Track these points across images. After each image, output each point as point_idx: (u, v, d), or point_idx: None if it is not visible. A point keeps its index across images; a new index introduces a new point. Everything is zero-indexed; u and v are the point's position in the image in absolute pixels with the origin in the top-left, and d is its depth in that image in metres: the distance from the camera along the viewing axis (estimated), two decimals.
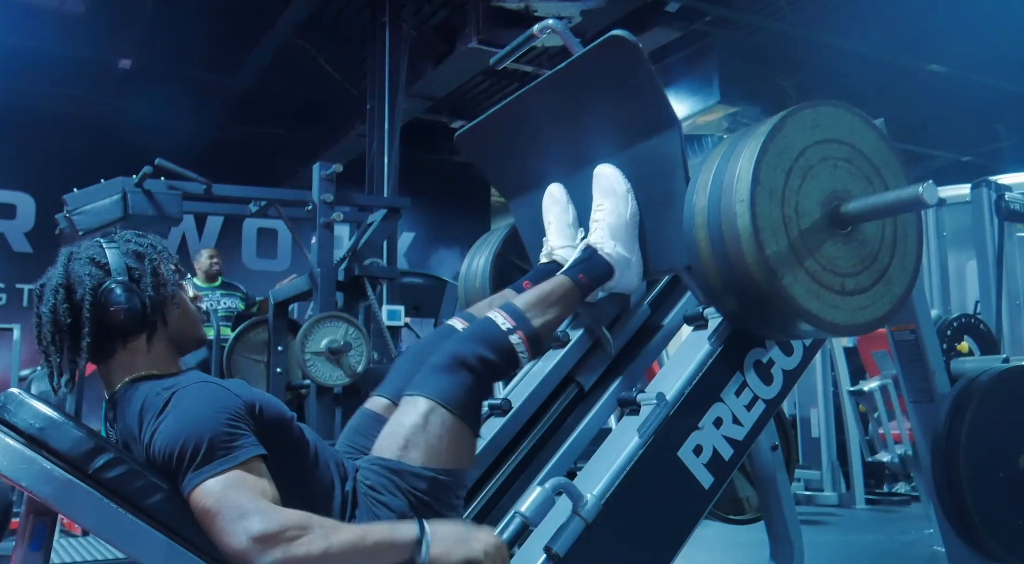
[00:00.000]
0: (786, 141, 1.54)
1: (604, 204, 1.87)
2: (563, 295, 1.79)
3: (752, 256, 1.49)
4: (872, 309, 1.61)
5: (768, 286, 1.49)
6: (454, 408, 1.52)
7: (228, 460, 1.29)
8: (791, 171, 1.53)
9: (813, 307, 1.53)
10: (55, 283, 1.45)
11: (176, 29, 7.70)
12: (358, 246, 4.51)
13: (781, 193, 1.52)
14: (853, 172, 1.61)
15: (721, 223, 1.53)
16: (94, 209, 3.93)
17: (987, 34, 7.50)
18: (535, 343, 1.68)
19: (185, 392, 1.37)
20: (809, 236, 1.54)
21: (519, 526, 1.43)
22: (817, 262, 1.54)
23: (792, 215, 1.53)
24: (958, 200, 5.01)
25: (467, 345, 1.61)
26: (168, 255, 1.55)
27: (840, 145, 1.60)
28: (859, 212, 1.56)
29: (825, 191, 1.57)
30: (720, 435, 1.63)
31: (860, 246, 1.60)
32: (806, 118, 1.57)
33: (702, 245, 1.57)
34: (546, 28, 2.18)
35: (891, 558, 4.12)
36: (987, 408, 2.12)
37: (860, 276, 1.60)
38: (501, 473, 1.91)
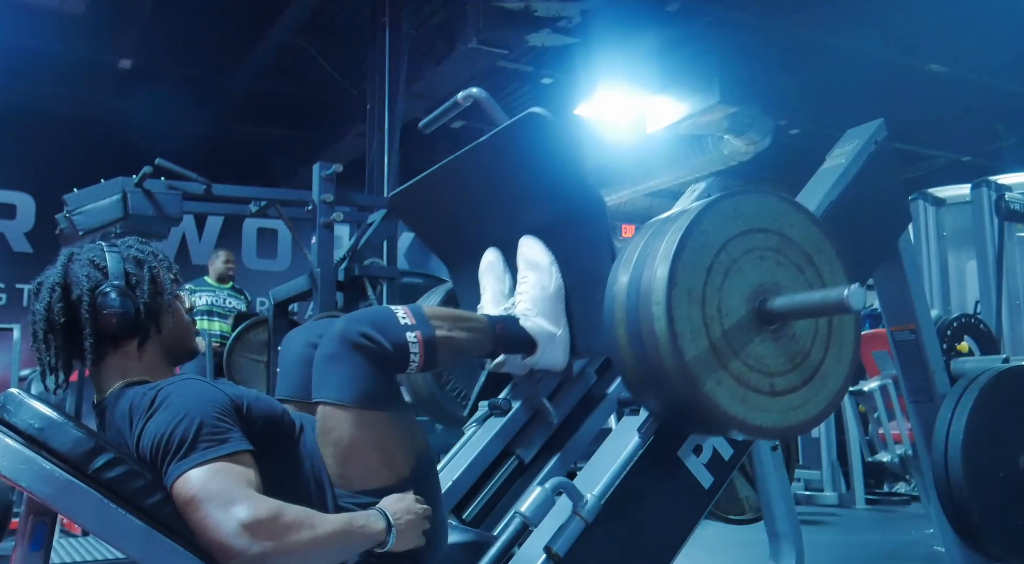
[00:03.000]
0: (705, 236, 1.43)
1: (528, 276, 1.82)
2: (475, 328, 1.70)
3: (671, 361, 1.38)
4: (805, 408, 1.49)
5: (689, 393, 1.39)
6: (363, 402, 1.45)
7: (214, 450, 1.29)
8: (712, 268, 1.43)
9: (739, 412, 1.41)
10: (52, 282, 1.45)
11: (176, 29, 7.70)
12: (358, 246, 4.51)
13: (701, 292, 1.41)
14: (782, 262, 1.50)
15: (639, 324, 1.42)
16: (94, 209, 3.93)
17: (987, 34, 7.50)
18: (430, 351, 1.56)
19: (172, 388, 1.37)
20: (733, 335, 1.43)
21: (519, 526, 1.43)
22: (743, 362, 1.43)
23: (714, 314, 1.42)
24: (958, 200, 5.01)
25: (354, 325, 1.50)
26: (168, 264, 1.55)
27: (766, 234, 1.49)
28: (784, 311, 1.45)
29: (751, 285, 1.46)
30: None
31: (790, 342, 1.48)
32: (726, 209, 1.46)
33: (622, 344, 1.47)
34: (469, 97, 2.17)
35: (891, 558, 4.12)
36: (987, 408, 2.12)
37: (790, 375, 1.48)
38: (501, 473, 1.91)
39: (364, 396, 1.46)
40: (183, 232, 9.06)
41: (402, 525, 1.38)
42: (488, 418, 2.00)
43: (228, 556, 1.22)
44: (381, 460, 1.46)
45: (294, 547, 1.24)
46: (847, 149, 2.10)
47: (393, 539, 1.37)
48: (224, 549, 1.22)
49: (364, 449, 1.45)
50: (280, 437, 1.45)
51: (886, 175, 2.14)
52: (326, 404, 1.47)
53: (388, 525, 1.37)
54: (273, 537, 1.23)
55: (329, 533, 1.29)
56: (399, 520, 1.38)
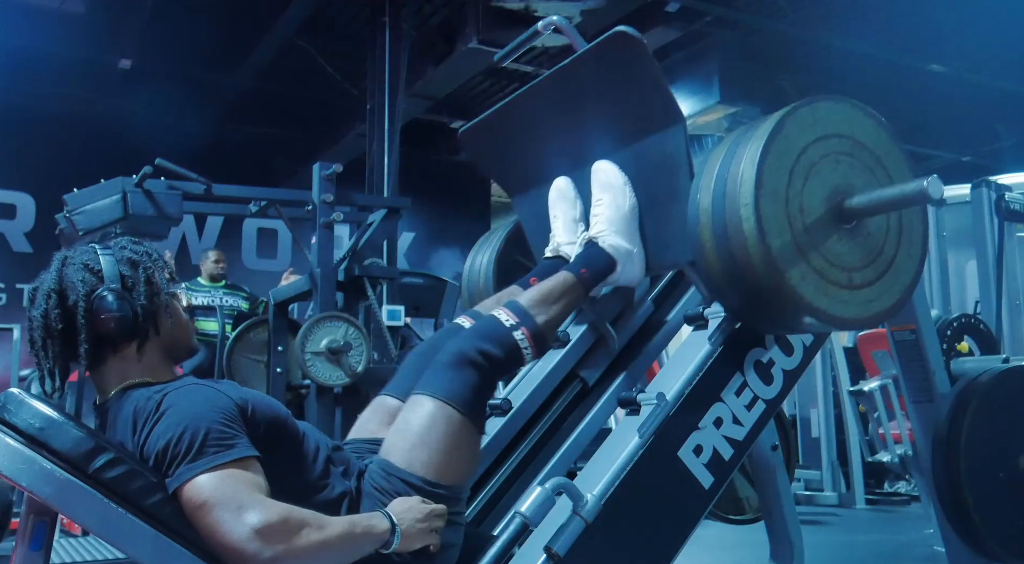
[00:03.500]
0: (786, 142, 1.54)
1: (603, 198, 1.88)
2: (566, 291, 1.79)
3: (759, 258, 1.49)
4: (881, 301, 1.61)
5: (776, 286, 1.50)
6: (460, 406, 1.53)
7: (223, 455, 1.29)
8: (793, 171, 1.53)
9: (822, 304, 1.53)
10: (47, 288, 1.45)
11: (176, 29, 7.69)
12: (358, 246, 4.51)
13: (785, 194, 1.52)
14: (855, 165, 1.61)
15: (726, 225, 1.53)
16: (94, 209, 3.93)
17: (987, 34, 7.50)
18: (539, 340, 1.69)
19: (178, 393, 1.38)
20: (815, 233, 1.54)
21: (519, 526, 1.43)
22: (824, 258, 1.55)
23: (796, 214, 1.53)
24: (958, 200, 5.01)
25: (471, 342, 1.62)
26: (163, 264, 1.55)
27: (841, 139, 1.60)
28: (863, 207, 1.56)
29: (829, 187, 1.57)
30: (720, 435, 1.63)
31: (866, 239, 1.60)
32: (804, 116, 1.57)
33: (707, 245, 1.57)
34: (550, 25, 2.19)
35: (891, 558, 4.12)
36: (987, 408, 2.12)
37: (867, 270, 1.60)
38: (501, 473, 1.91)
39: (461, 400, 1.54)
40: (183, 232, 9.05)
41: (406, 525, 1.40)
42: (488, 417, 2.00)
43: (240, 561, 1.24)
44: (443, 458, 1.51)
45: (305, 550, 1.26)
46: None
47: (398, 539, 1.38)
48: (236, 554, 1.23)
49: (434, 440, 1.51)
50: (283, 439, 1.45)
51: None
52: (421, 394, 1.55)
53: (392, 525, 1.39)
54: (284, 541, 1.24)
55: (337, 535, 1.31)
56: (403, 520, 1.40)
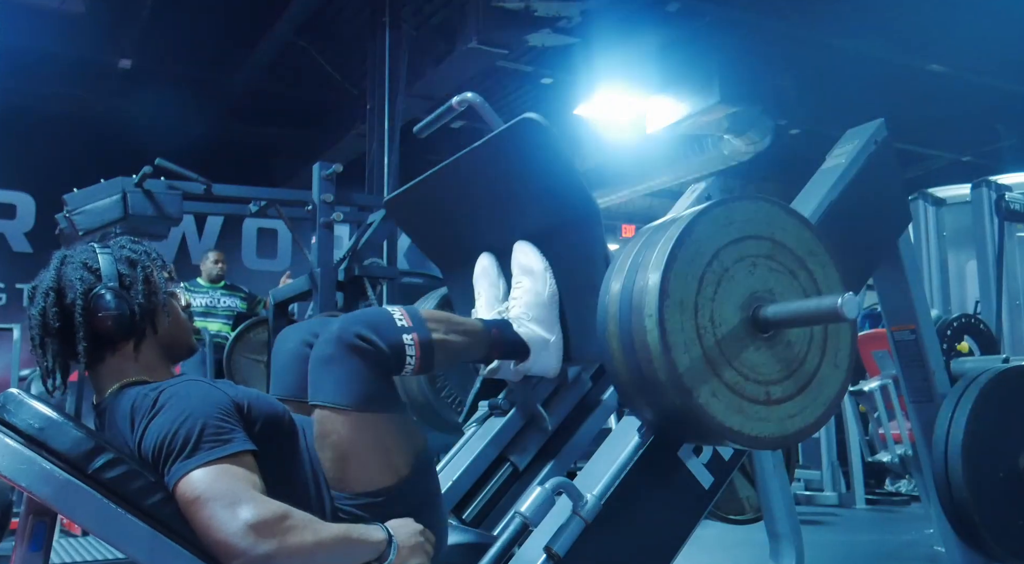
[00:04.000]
0: (696, 246, 1.42)
1: (522, 282, 1.81)
2: (470, 332, 1.70)
3: (665, 374, 1.38)
4: (803, 416, 1.48)
5: (684, 404, 1.39)
6: (362, 406, 1.44)
7: (217, 450, 1.29)
8: (704, 278, 1.42)
9: (735, 423, 1.41)
10: (46, 286, 1.45)
11: (176, 29, 7.69)
12: (358, 246, 4.50)
13: (694, 303, 1.40)
14: (775, 268, 1.49)
15: (632, 336, 1.41)
16: (94, 209, 3.93)
17: (987, 34, 7.50)
18: (426, 353, 1.55)
19: (174, 390, 1.37)
20: (727, 345, 1.42)
21: (519, 526, 1.43)
22: (738, 372, 1.42)
23: (707, 325, 1.41)
24: (958, 200, 5.01)
25: (351, 325, 1.49)
26: (162, 263, 1.55)
27: (758, 241, 1.48)
28: (777, 320, 1.44)
29: (744, 294, 1.45)
30: None
31: (785, 349, 1.47)
32: (718, 217, 1.46)
33: (615, 355, 1.46)
34: (464, 101, 2.16)
35: (891, 558, 4.12)
36: (987, 408, 2.12)
37: (786, 382, 1.47)
38: (501, 473, 1.91)
39: (361, 399, 1.45)
40: (183, 232, 9.06)
41: (404, 541, 1.38)
42: (488, 418, 2.00)
43: (232, 556, 1.23)
44: (380, 462, 1.45)
45: (298, 549, 1.25)
46: (847, 149, 2.10)
47: (394, 553, 1.35)
48: (228, 549, 1.22)
49: (362, 452, 1.44)
50: (280, 437, 1.45)
51: (886, 175, 2.14)
52: (323, 407, 1.46)
53: (389, 538, 1.36)
54: (278, 538, 1.23)
55: (331, 537, 1.29)
56: (402, 539, 1.38)
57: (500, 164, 1.81)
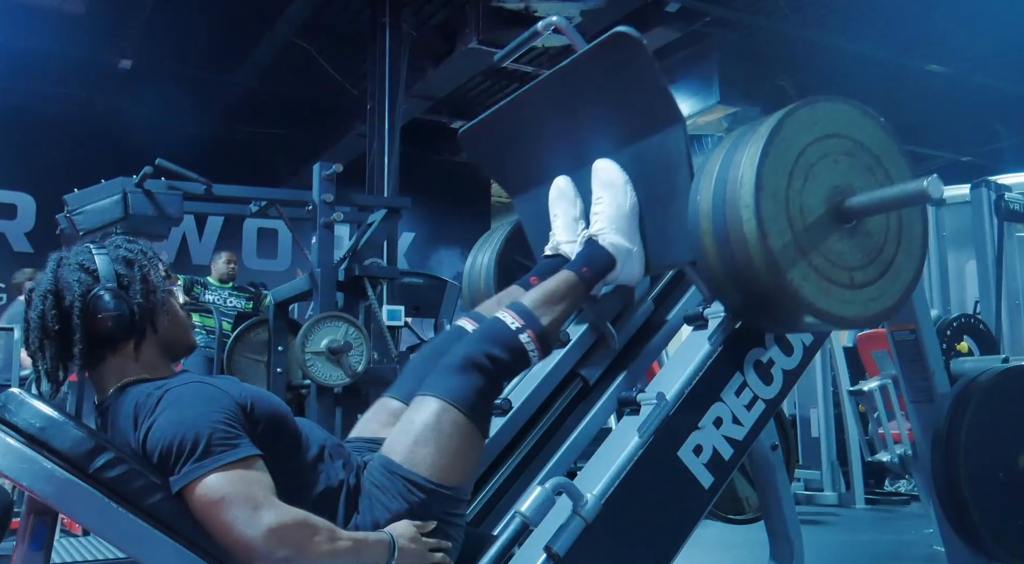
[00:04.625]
0: (785, 143, 1.53)
1: (603, 196, 1.88)
2: (568, 291, 1.79)
3: (760, 259, 1.49)
4: (882, 299, 1.61)
5: (778, 286, 1.50)
6: (465, 409, 1.53)
7: (229, 454, 1.30)
8: (793, 172, 1.54)
9: (824, 304, 1.53)
10: (43, 289, 1.45)
11: (176, 29, 7.70)
12: (358, 246, 4.50)
13: (785, 195, 1.52)
14: (854, 165, 1.61)
15: (727, 228, 1.53)
16: (94, 209, 3.93)
17: (987, 34, 7.51)
18: (544, 341, 1.69)
19: (179, 390, 1.38)
20: (815, 233, 1.54)
21: (519, 526, 1.43)
22: (825, 258, 1.55)
23: (797, 215, 1.53)
24: (958, 200, 5.01)
25: (478, 345, 1.63)
26: (158, 262, 1.55)
27: (839, 139, 1.60)
28: (863, 207, 1.56)
29: (828, 187, 1.57)
30: (720, 435, 1.63)
31: (866, 238, 1.60)
32: (803, 117, 1.57)
33: (708, 247, 1.57)
34: (550, 25, 2.18)
35: (891, 558, 4.12)
36: (987, 408, 2.12)
37: (868, 268, 1.60)
38: (501, 473, 1.91)
39: (466, 402, 1.54)
40: (183, 232, 9.07)
41: (404, 553, 1.41)
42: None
43: (252, 557, 1.25)
44: (446, 458, 1.51)
45: (315, 556, 1.28)
46: None
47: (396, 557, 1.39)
48: (249, 550, 1.25)
49: (439, 441, 1.51)
50: (283, 435, 1.46)
51: None
52: (432, 396, 1.54)
53: (392, 551, 1.40)
54: (297, 544, 1.26)
55: (345, 549, 1.33)
56: (402, 545, 1.41)
57: (587, 81, 1.85)
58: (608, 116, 1.89)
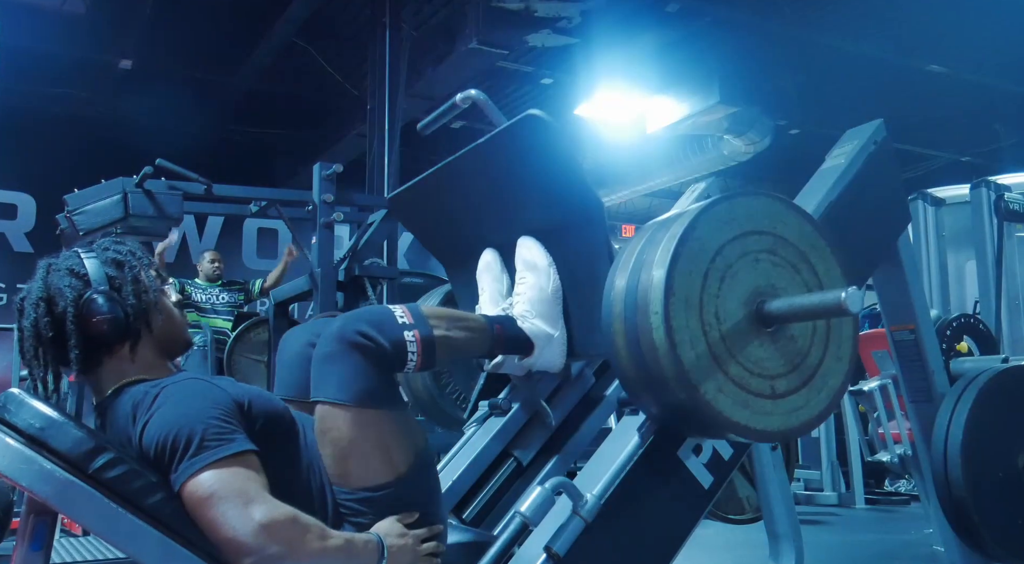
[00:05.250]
0: (699, 243, 1.43)
1: (526, 277, 1.82)
2: (473, 328, 1.70)
3: (671, 370, 1.39)
4: (808, 408, 1.50)
5: (691, 400, 1.40)
6: (363, 402, 1.45)
7: (223, 450, 1.30)
8: (708, 274, 1.43)
9: (742, 418, 1.42)
10: (35, 297, 1.45)
11: (176, 29, 7.69)
12: (358, 246, 4.50)
13: (699, 299, 1.42)
14: (777, 263, 1.50)
15: (638, 333, 1.43)
16: (94, 209, 3.92)
17: (987, 34, 7.50)
18: (428, 350, 1.56)
19: (175, 387, 1.38)
20: (732, 341, 1.43)
21: (519, 526, 1.43)
22: (743, 367, 1.44)
23: (712, 321, 1.42)
24: (958, 200, 5.01)
25: (352, 323, 1.50)
26: (148, 261, 1.54)
27: (760, 236, 1.49)
28: (782, 315, 1.45)
29: (747, 289, 1.46)
30: None
31: (789, 343, 1.49)
32: (720, 214, 1.47)
33: (621, 350, 1.48)
34: (468, 98, 2.16)
35: (891, 558, 4.13)
36: (987, 408, 2.12)
37: (791, 376, 1.49)
38: (501, 473, 1.91)
39: (362, 395, 1.45)
40: (183, 232, 9.05)
41: (394, 549, 1.39)
42: (488, 418, 2.00)
43: (242, 554, 1.24)
44: (380, 458, 1.45)
45: (306, 554, 1.27)
46: (847, 149, 2.10)
47: (386, 559, 1.38)
48: (239, 547, 1.24)
49: (363, 448, 1.44)
50: (281, 435, 1.46)
51: (885, 175, 2.15)
52: (324, 403, 1.46)
53: (379, 544, 1.38)
54: (287, 540, 1.25)
55: (336, 547, 1.32)
56: (391, 544, 1.40)
57: (504, 160, 1.82)
58: (531, 195, 1.84)
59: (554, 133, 1.70)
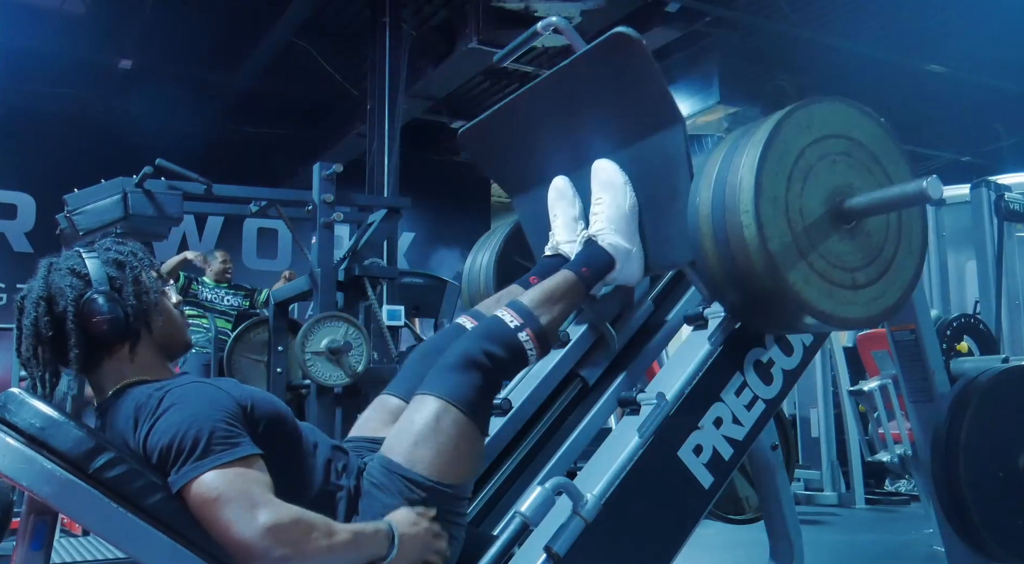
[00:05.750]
0: (783, 146, 1.54)
1: (603, 197, 1.88)
2: (567, 290, 1.79)
3: (761, 263, 1.49)
4: (884, 299, 1.62)
5: (779, 289, 1.50)
6: (464, 407, 1.53)
7: (229, 453, 1.30)
8: (792, 175, 1.54)
9: (826, 306, 1.54)
10: (36, 296, 1.44)
11: (176, 29, 7.70)
12: (358, 246, 4.51)
13: (784, 198, 1.52)
14: (853, 165, 1.61)
15: (727, 230, 1.53)
16: (94, 209, 3.93)
17: (987, 34, 7.50)
18: (543, 340, 1.69)
19: (180, 391, 1.38)
20: (815, 235, 1.55)
21: (519, 526, 1.43)
22: (825, 260, 1.55)
23: (796, 217, 1.53)
24: (958, 200, 5.01)
25: (477, 343, 1.62)
26: (149, 262, 1.55)
27: (837, 140, 1.60)
28: (863, 208, 1.57)
29: (827, 188, 1.57)
30: (720, 435, 1.63)
31: (866, 238, 1.61)
32: (800, 119, 1.57)
33: (708, 249, 1.58)
34: (550, 25, 2.18)
35: (891, 558, 4.13)
36: (987, 408, 2.12)
37: (868, 268, 1.60)
38: (501, 473, 1.91)
39: (465, 401, 1.53)
40: (183, 232, 9.05)
41: (406, 537, 1.40)
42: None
43: (249, 557, 1.25)
44: (448, 458, 1.50)
45: (313, 554, 1.28)
46: None
47: (395, 553, 1.38)
48: (246, 549, 1.24)
49: (441, 441, 1.50)
50: (283, 436, 1.46)
51: None
52: (431, 395, 1.54)
53: (392, 539, 1.39)
54: (294, 542, 1.26)
55: (343, 542, 1.32)
56: (403, 532, 1.40)
57: (587, 82, 1.85)
58: (607, 117, 1.89)
59: (640, 48, 1.72)
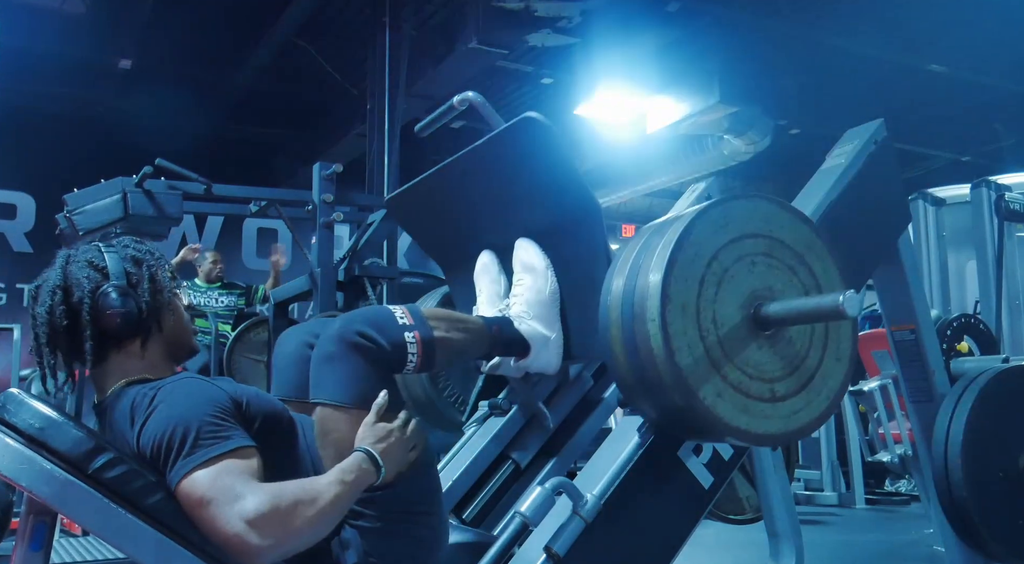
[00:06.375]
0: (695, 248, 1.42)
1: (523, 279, 1.82)
2: (471, 330, 1.71)
3: (669, 377, 1.38)
4: (807, 411, 1.49)
5: (689, 406, 1.39)
6: (366, 403, 1.46)
7: (217, 448, 1.30)
8: (704, 279, 1.42)
9: (741, 422, 1.41)
10: (52, 285, 1.45)
11: (176, 29, 7.69)
12: (358, 246, 4.50)
13: (695, 305, 1.41)
14: (774, 266, 1.49)
15: (635, 338, 1.42)
16: (94, 209, 3.93)
17: (987, 34, 7.50)
18: (428, 351, 1.57)
19: (172, 386, 1.39)
20: (730, 345, 1.42)
21: (519, 526, 1.43)
22: (742, 371, 1.43)
23: (710, 326, 1.41)
24: (958, 200, 5.01)
25: (352, 323, 1.51)
26: (165, 262, 1.56)
27: (756, 239, 1.48)
28: (779, 318, 1.44)
29: (745, 292, 1.45)
30: None
31: (787, 345, 1.48)
32: (715, 218, 1.46)
33: (619, 356, 1.47)
34: (466, 101, 2.16)
35: (891, 558, 4.13)
36: (987, 408, 2.12)
37: (789, 379, 1.47)
38: (501, 473, 1.91)
39: (362, 396, 1.47)
40: (183, 232, 9.05)
41: (384, 451, 1.41)
42: (488, 418, 2.00)
43: (240, 553, 1.25)
44: None
45: (302, 528, 1.28)
46: (847, 149, 2.10)
47: (384, 471, 1.40)
48: (235, 546, 1.25)
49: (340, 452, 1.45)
50: (279, 435, 1.46)
51: (886, 175, 2.15)
52: (324, 405, 1.48)
53: (374, 459, 1.40)
54: (279, 526, 1.25)
55: (329, 501, 1.32)
56: (380, 449, 1.41)
57: (501, 163, 1.81)
58: (528, 197, 1.84)
59: (551, 136, 1.70)
